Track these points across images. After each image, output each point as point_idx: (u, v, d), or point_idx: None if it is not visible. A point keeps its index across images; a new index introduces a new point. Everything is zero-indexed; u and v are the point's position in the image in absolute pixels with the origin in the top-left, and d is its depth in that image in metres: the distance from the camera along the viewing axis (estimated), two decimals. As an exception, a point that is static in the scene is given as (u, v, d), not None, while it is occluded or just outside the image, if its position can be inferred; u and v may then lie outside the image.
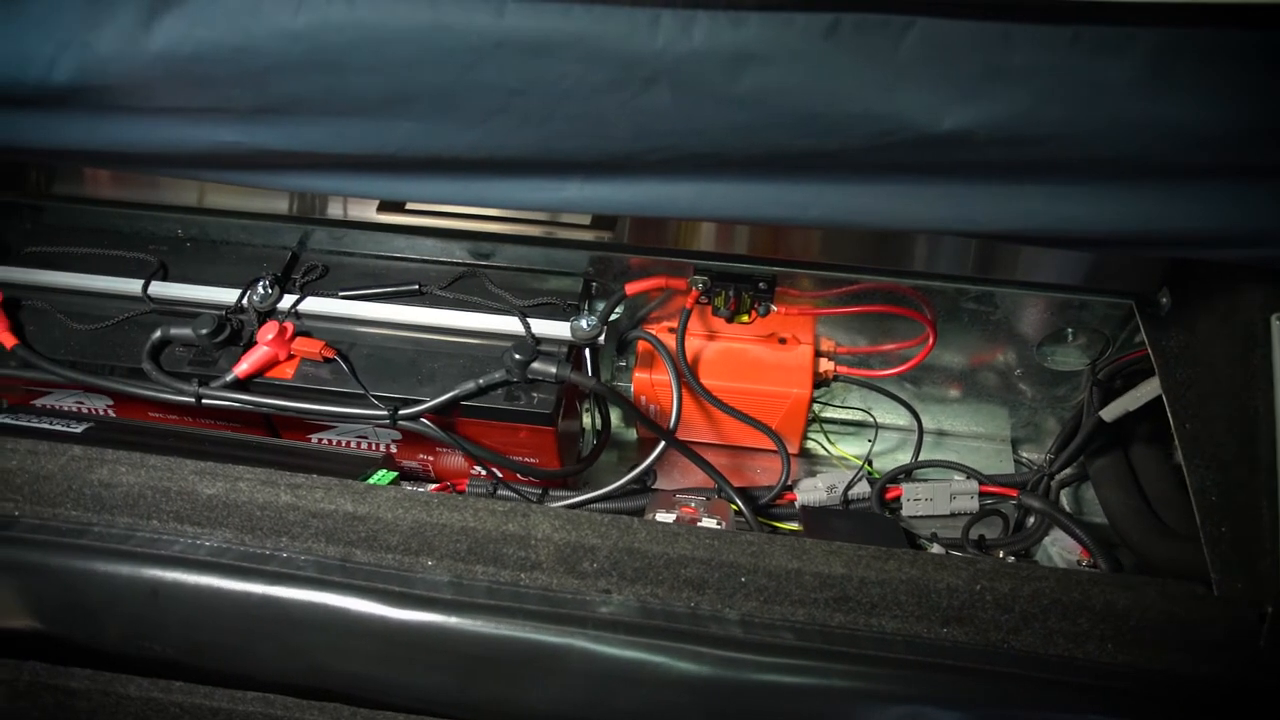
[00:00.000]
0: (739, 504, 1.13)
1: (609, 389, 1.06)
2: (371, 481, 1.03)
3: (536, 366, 1.03)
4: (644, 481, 1.19)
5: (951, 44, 0.69)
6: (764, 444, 1.27)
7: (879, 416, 1.31)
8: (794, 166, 0.79)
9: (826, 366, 1.20)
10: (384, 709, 0.87)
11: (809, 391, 1.17)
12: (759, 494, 1.21)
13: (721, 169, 0.81)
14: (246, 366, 1.07)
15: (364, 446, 1.18)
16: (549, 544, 0.88)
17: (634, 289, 1.14)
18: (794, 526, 1.18)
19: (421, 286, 1.15)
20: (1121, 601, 0.82)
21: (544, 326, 1.11)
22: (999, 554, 1.14)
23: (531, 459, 1.14)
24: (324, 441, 1.18)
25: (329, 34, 0.73)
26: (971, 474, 1.24)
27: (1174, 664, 0.82)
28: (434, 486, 1.14)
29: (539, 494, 1.16)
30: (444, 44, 0.72)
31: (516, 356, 1.02)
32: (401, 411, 1.04)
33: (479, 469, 1.18)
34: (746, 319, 1.17)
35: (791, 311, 1.16)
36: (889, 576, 0.85)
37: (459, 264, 1.19)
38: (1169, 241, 0.80)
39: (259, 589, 0.88)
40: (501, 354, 1.09)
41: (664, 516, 1.07)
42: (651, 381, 1.19)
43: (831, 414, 1.34)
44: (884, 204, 0.82)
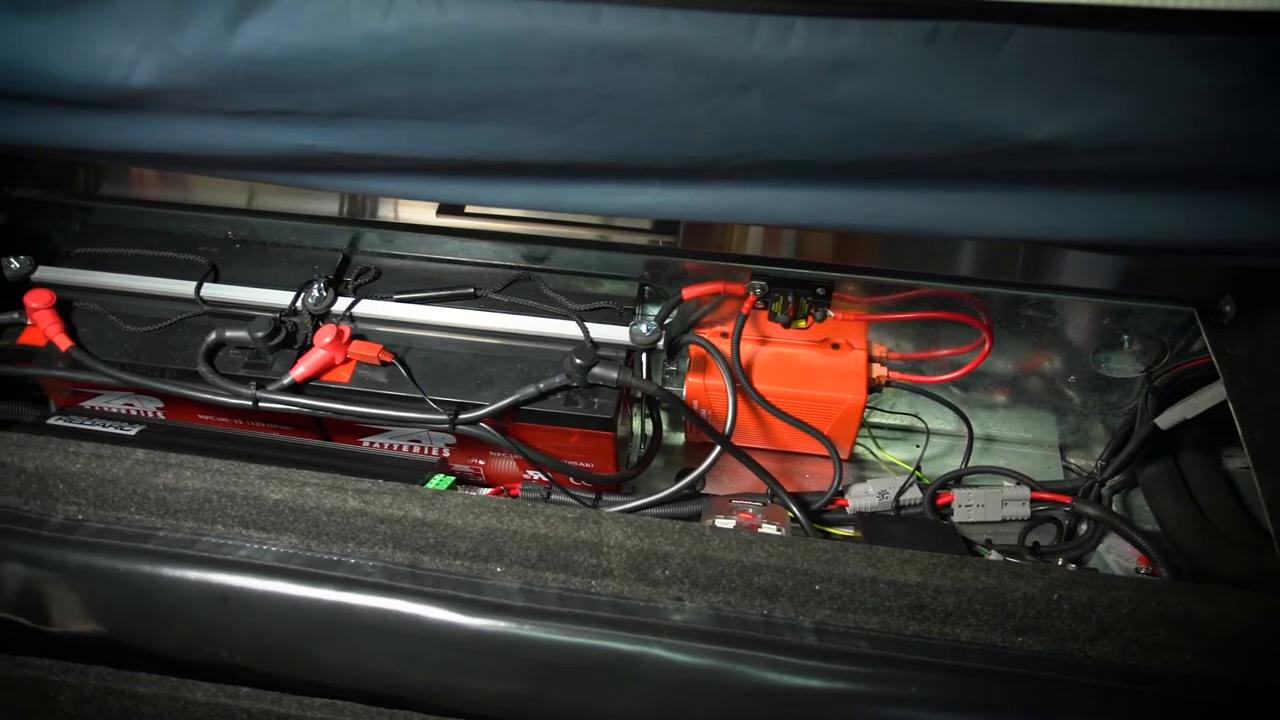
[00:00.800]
0: (794, 510, 1.12)
1: (671, 395, 1.06)
2: (430, 486, 1.03)
3: (597, 371, 1.02)
4: (693, 486, 1.18)
5: (1050, 52, 0.68)
6: (812, 449, 1.27)
7: (925, 422, 1.31)
8: (877, 174, 0.79)
9: (879, 372, 1.20)
10: (455, 717, 0.87)
11: (864, 397, 1.17)
12: (811, 499, 1.21)
13: (802, 176, 0.81)
14: (304, 370, 1.06)
15: (415, 450, 1.17)
16: (621, 551, 0.88)
17: (691, 294, 1.13)
18: (847, 532, 1.18)
19: (476, 290, 1.14)
20: (1202, 612, 0.82)
21: (601, 331, 1.10)
22: (1058, 561, 1.14)
23: (586, 464, 1.14)
24: (375, 445, 1.17)
25: (419, 37, 0.72)
26: (1022, 480, 1.24)
27: (1255, 676, 0.82)
28: (489, 491, 1.14)
29: (593, 499, 1.16)
30: (536, 48, 0.71)
31: (578, 361, 1.02)
32: (462, 416, 1.03)
33: (531, 473, 1.18)
34: (803, 324, 1.16)
35: (848, 317, 1.16)
36: (964, 585, 0.85)
37: (512, 267, 1.18)
38: (1255, 250, 0.80)
39: (328, 595, 0.88)
40: (558, 358, 1.09)
41: (723, 522, 1.07)
42: (705, 386, 1.19)
43: (879, 419, 1.34)
44: (965, 212, 0.81)
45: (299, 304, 1.13)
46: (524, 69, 0.73)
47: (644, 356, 1.12)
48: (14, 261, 1.15)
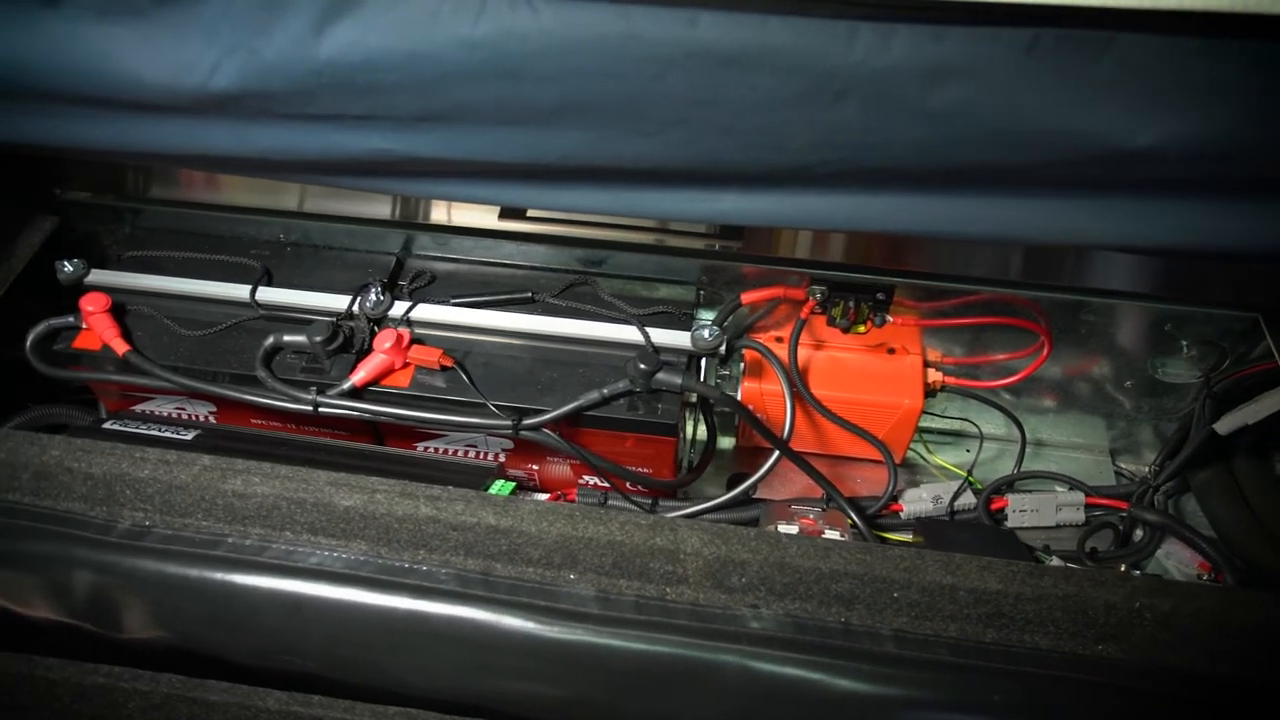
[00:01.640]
0: (852, 515, 1.12)
1: (735, 400, 1.05)
2: (492, 491, 1.03)
3: (661, 377, 1.02)
4: (749, 492, 1.18)
5: (1152, 60, 0.68)
6: (863, 453, 1.27)
7: (974, 426, 1.31)
8: (966, 181, 0.79)
9: (935, 377, 1.19)
10: (532, 725, 0.86)
11: (920, 402, 1.17)
12: (865, 504, 1.20)
13: (888, 182, 0.80)
14: (364, 374, 1.06)
15: (470, 455, 1.16)
16: (698, 558, 0.87)
17: (750, 298, 1.13)
18: (905, 537, 1.18)
19: (533, 294, 1.14)
20: (1289, 621, 0.82)
21: (660, 335, 1.10)
22: (1121, 567, 1.13)
23: (643, 469, 1.14)
24: (429, 450, 1.17)
25: (510, 42, 0.72)
26: (1075, 485, 1.24)
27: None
28: (548, 496, 1.13)
29: (649, 504, 1.15)
30: (632, 54, 0.71)
31: (642, 366, 1.01)
32: (525, 421, 1.03)
33: (587, 478, 1.17)
34: (863, 329, 1.16)
35: (907, 321, 1.16)
36: (1045, 592, 0.84)
37: (568, 271, 1.18)
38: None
39: (402, 602, 0.87)
40: (618, 363, 1.08)
41: (786, 528, 1.06)
42: (761, 391, 1.18)
43: (928, 423, 1.34)
44: (1050, 220, 0.81)
45: (355, 308, 1.12)
46: (617, 74, 0.72)
47: (702, 361, 1.11)
48: (67, 265, 1.14)
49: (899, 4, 0.66)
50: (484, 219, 1.18)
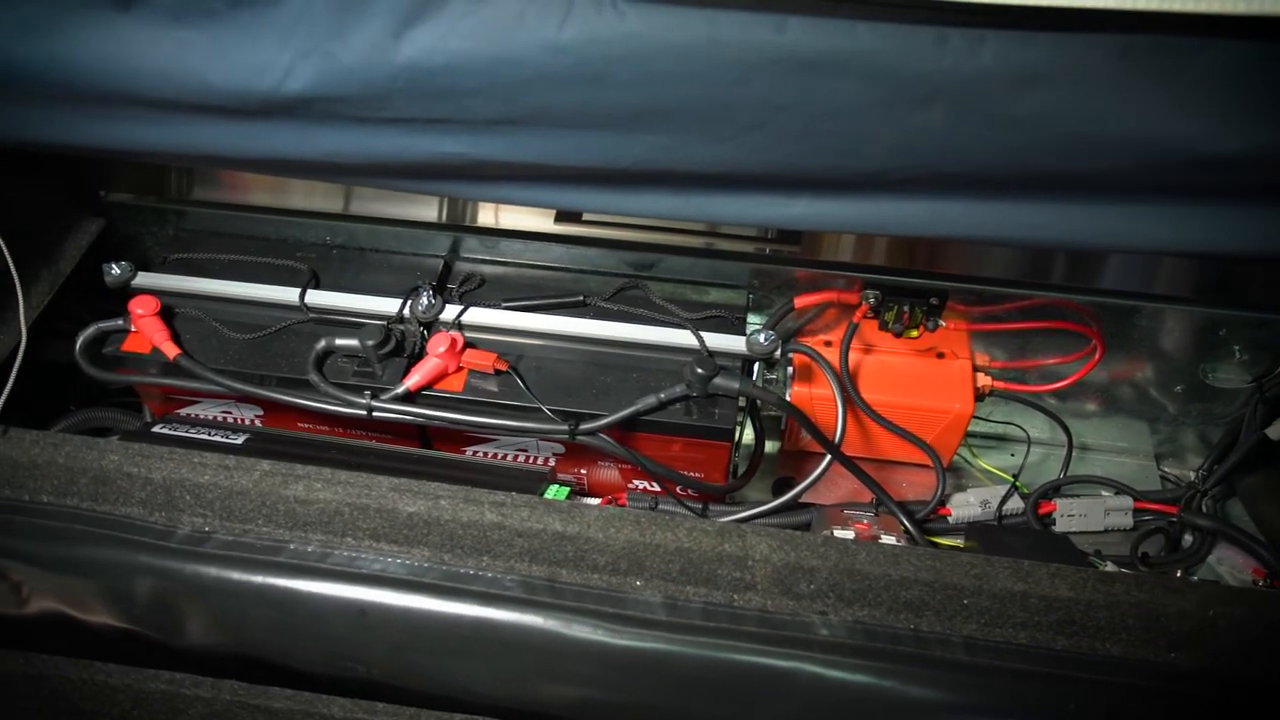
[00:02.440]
0: (904, 521, 1.12)
1: (792, 406, 1.05)
2: (548, 496, 1.02)
3: (719, 381, 1.01)
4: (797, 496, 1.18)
5: (1243, 66, 0.68)
6: (909, 457, 1.26)
7: (1017, 430, 1.30)
8: (1045, 187, 0.78)
9: (984, 381, 1.19)
10: (600, 733, 0.86)
11: (971, 407, 1.16)
12: (914, 509, 1.20)
13: (962, 188, 0.80)
14: (418, 378, 1.05)
15: (520, 459, 1.16)
16: (767, 565, 0.87)
17: (804, 303, 1.13)
18: (956, 542, 1.17)
19: (585, 298, 1.13)
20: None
21: (714, 340, 1.09)
22: (1177, 573, 1.13)
23: (696, 474, 1.13)
24: (478, 454, 1.16)
25: (596, 47, 0.71)
26: (1122, 489, 1.24)
27: None
28: (599, 500, 1.13)
29: (700, 509, 1.15)
30: (718, 59, 0.71)
31: (699, 371, 1.01)
32: (582, 426, 1.02)
33: (637, 482, 1.17)
34: (915, 334, 1.16)
35: (959, 326, 1.15)
36: (1117, 599, 0.84)
37: (617, 274, 1.17)
38: None
39: (469, 609, 0.86)
40: (671, 367, 1.08)
41: (841, 533, 1.06)
42: (811, 395, 1.18)
43: (974, 426, 1.33)
44: (1126, 226, 0.81)
45: (406, 311, 1.12)
46: (702, 79, 0.72)
47: (755, 366, 1.11)
48: (114, 267, 1.13)
49: (989, 10, 0.66)
50: (533, 221, 1.17)
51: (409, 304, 1.12)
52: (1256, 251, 0.82)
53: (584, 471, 1.19)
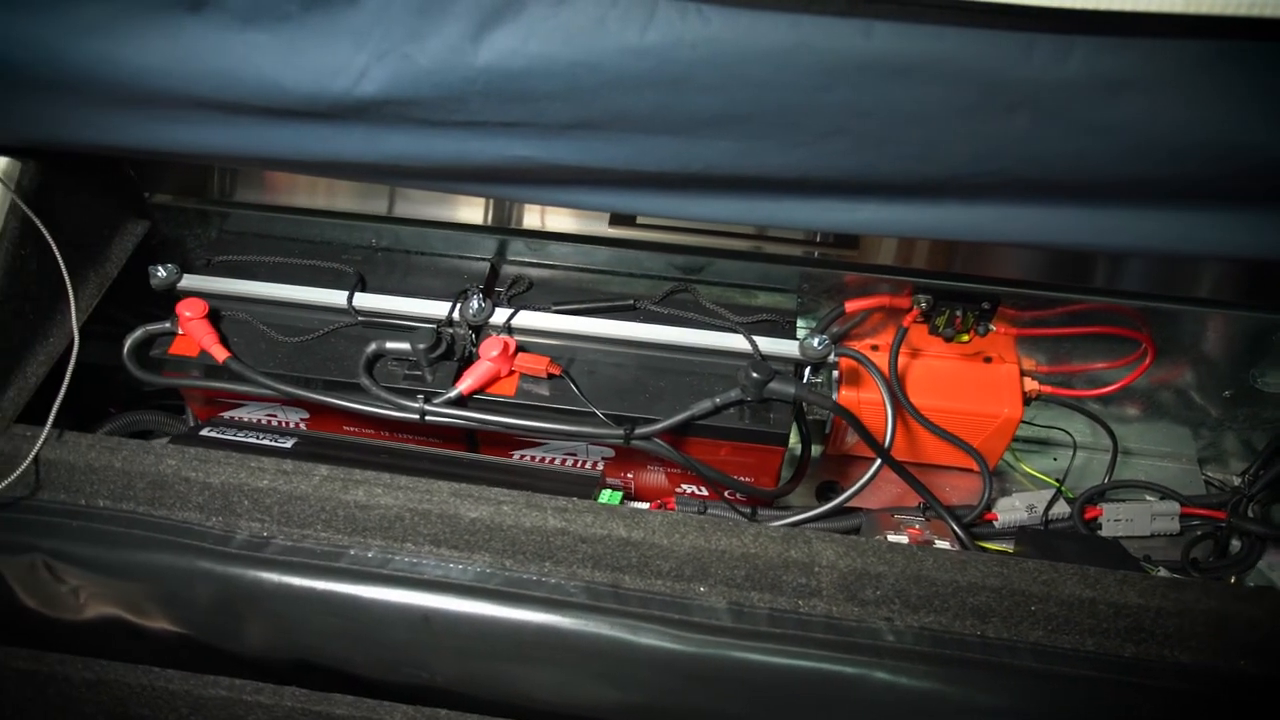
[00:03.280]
0: (953, 525, 1.11)
1: (848, 412, 1.04)
2: (602, 501, 1.01)
3: (774, 386, 1.01)
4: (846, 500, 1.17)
5: (1332, 73, 0.67)
6: (954, 461, 1.26)
7: (1060, 434, 1.30)
8: (1116, 192, 0.78)
9: (1031, 386, 1.19)
10: (665, 739, 0.85)
11: (1019, 412, 1.16)
12: (961, 513, 1.19)
13: (1037, 194, 0.80)
14: (471, 382, 1.05)
15: (569, 464, 1.15)
16: (833, 571, 0.87)
17: (855, 307, 1.12)
18: (1001, 546, 1.17)
19: (635, 301, 1.13)
20: None
21: (765, 344, 1.09)
22: (1231, 579, 1.13)
23: (745, 478, 1.13)
24: (526, 458, 1.16)
25: (679, 51, 0.71)
26: (1167, 494, 1.23)
27: None
28: (651, 504, 1.12)
29: (749, 513, 1.14)
30: (802, 64, 0.70)
31: (755, 375, 1.00)
32: (637, 430, 1.02)
33: (685, 486, 1.16)
34: (966, 339, 1.16)
35: (1009, 331, 1.15)
36: (1187, 607, 0.84)
37: (665, 278, 1.17)
38: None
39: (533, 615, 0.86)
40: (724, 371, 1.07)
41: (894, 537, 1.06)
42: (859, 399, 1.17)
43: (1019, 431, 1.33)
44: (1199, 231, 0.81)
45: (456, 314, 1.11)
46: (785, 84, 0.71)
47: (807, 370, 1.11)
48: (161, 270, 1.12)
49: (1080, 16, 0.65)
50: (581, 224, 1.17)
51: (458, 307, 1.11)
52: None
53: (631, 475, 1.18)
